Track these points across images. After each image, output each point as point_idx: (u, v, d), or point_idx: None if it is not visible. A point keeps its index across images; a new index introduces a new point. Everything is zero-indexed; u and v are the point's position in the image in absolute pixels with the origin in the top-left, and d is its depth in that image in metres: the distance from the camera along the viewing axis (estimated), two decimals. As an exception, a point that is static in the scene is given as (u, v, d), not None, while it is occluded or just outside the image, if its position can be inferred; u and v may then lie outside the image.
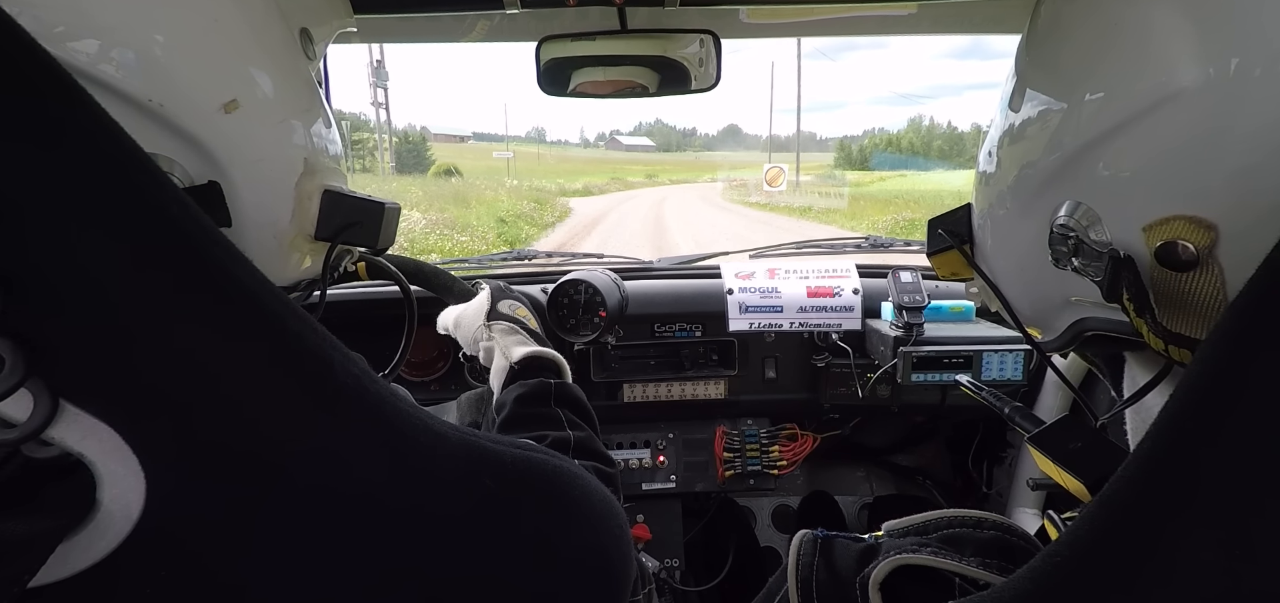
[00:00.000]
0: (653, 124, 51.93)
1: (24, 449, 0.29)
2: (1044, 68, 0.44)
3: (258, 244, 0.47)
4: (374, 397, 0.34)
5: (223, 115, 0.42)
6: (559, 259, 1.55)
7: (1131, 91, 0.34)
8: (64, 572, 0.30)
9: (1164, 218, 0.33)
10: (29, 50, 0.25)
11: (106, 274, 0.26)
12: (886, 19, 1.17)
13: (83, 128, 0.26)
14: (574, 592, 0.40)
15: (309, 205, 0.51)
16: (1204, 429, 0.25)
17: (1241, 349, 0.25)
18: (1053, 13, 0.44)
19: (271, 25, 0.49)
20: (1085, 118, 0.38)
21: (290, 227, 0.49)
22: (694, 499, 1.47)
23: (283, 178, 0.48)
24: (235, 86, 0.44)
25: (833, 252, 1.65)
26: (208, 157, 0.42)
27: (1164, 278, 0.34)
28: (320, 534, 0.33)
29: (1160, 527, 0.25)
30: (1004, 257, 0.49)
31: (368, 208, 0.53)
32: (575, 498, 0.41)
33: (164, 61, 0.41)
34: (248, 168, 0.45)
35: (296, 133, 0.49)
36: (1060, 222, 0.40)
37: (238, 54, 0.45)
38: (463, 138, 67.32)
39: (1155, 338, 0.33)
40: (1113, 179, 0.36)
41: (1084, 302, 0.41)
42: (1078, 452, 0.41)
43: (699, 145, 51.21)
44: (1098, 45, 0.38)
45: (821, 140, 53.98)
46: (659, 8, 0.94)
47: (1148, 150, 0.34)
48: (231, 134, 0.43)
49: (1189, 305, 0.33)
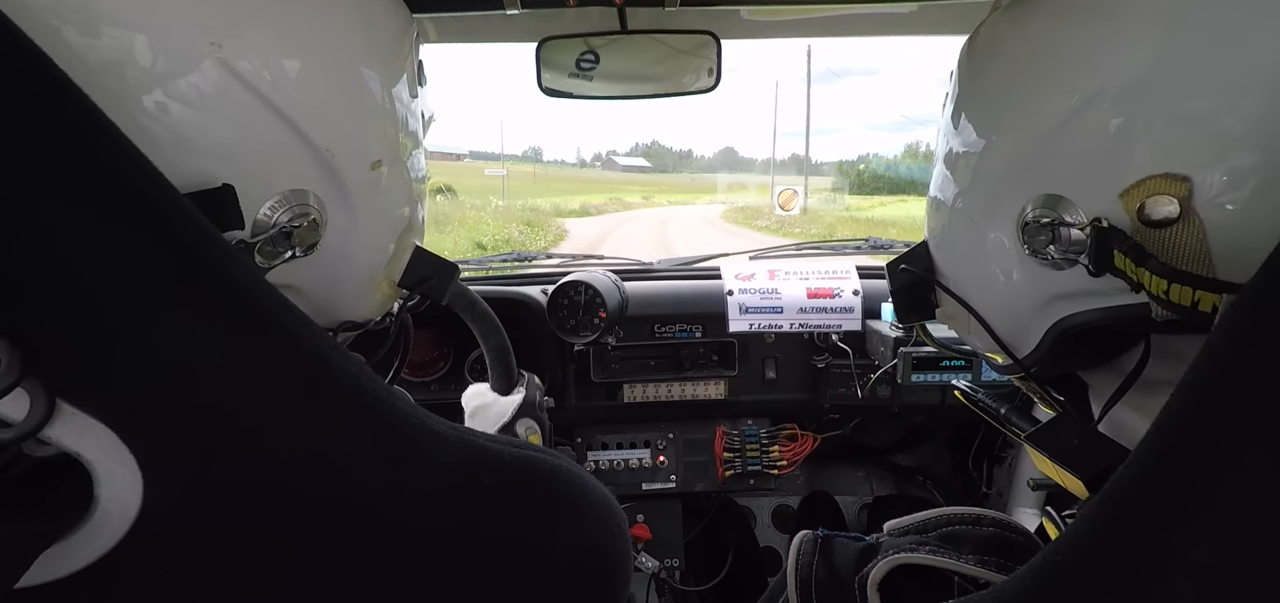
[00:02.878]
0: (649, 145, 51.52)
1: (22, 448, 0.29)
2: (986, 83, 0.47)
3: (354, 283, 0.52)
4: (372, 396, 0.34)
5: (370, 172, 0.47)
6: (559, 260, 1.56)
7: (1071, 87, 0.38)
8: (62, 570, 0.30)
9: (1138, 180, 0.35)
10: (27, 53, 0.25)
11: (103, 274, 0.26)
12: (887, 19, 1.16)
13: (81, 129, 0.26)
14: (573, 589, 0.40)
15: (402, 257, 0.57)
16: (1204, 428, 0.25)
17: (1241, 347, 0.25)
18: (988, 38, 0.48)
19: (413, 93, 0.54)
20: (1036, 115, 0.40)
21: (383, 271, 0.55)
22: (694, 499, 1.47)
23: (392, 229, 0.54)
24: (385, 149, 0.48)
25: (833, 253, 1.65)
26: (348, 205, 0.46)
27: (1148, 237, 0.35)
28: (318, 533, 0.33)
29: (1160, 525, 0.25)
30: (972, 274, 0.50)
31: (442, 266, 0.62)
32: (573, 496, 0.41)
33: (346, 116, 0.45)
34: (371, 218, 0.49)
35: (411, 196, 0.55)
36: (1031, 215, 0.41)
37: (393, 120, 0.50)
38: (458, 156, 66.44)
39: (1158, 281, 0.34)
40: (1077, 160, 0.38)
41: (1064, 296, 0.41)
42: (1075, 449, 0.41)
43: (696, 167, 50.33)
44: (1033, 53, 0.42)
45: (818, 164, 53.62)
46: (659, 8, 0.94)
47: (1109, 125, 0.36)
48: (370, 187, 0.48)
49: (1176, 260, 0.34)
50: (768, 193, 19.93)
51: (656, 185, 40.42)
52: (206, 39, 0.36)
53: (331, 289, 0.49)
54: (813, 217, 21.03)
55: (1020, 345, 0.46)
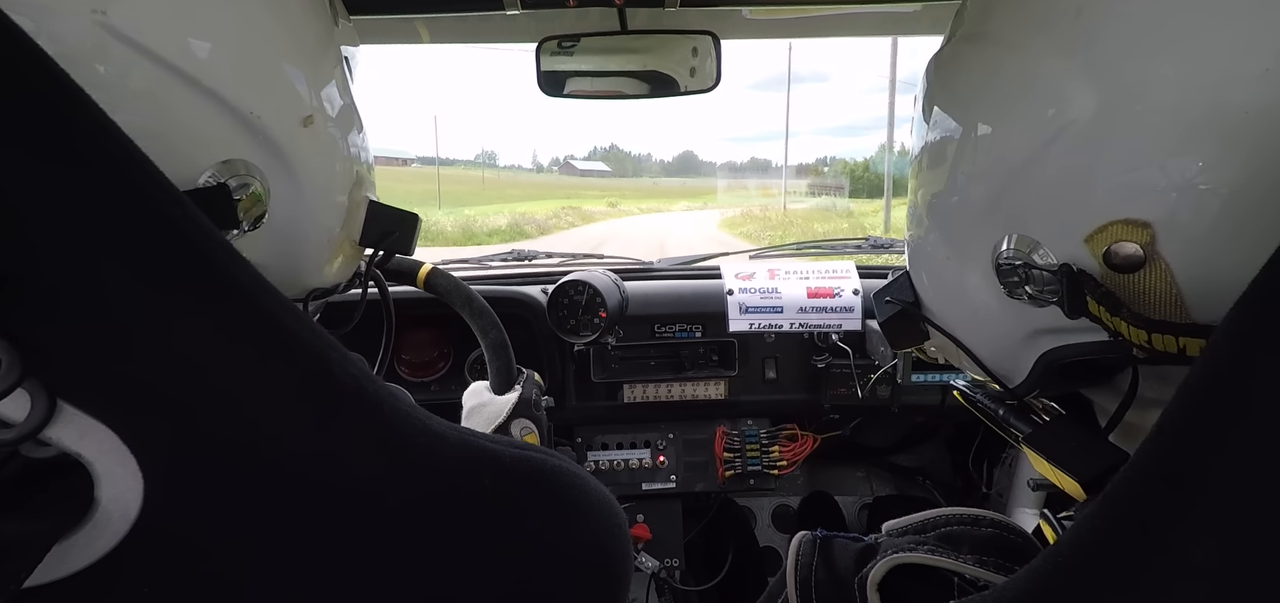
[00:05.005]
0: (608, 149, 49.64)
1: (22, 449, 0.29)
2: (949, 115, 0.45)
3: (313, 247, 0.50)
4: (372, 397, 0.34)
5: (302, 129, 0.45)
6: (559, 259, 1.56)
7: (1035, 124, 0.37)
8: (63, 571, 0.30)
9: (1101, 225, 0.34)
10: (28, 51, 0.25)
11: (103, 274, 0.26)
12: (888, 18, 1.16)
13: (81, 129, 0.26)
14: (573, 590, 0.40)
15: (357, 214, 0.55)
16: (1205, 431, 0.25)
17: (1244, 350, 0.25)
18: (948, 66, 0.46)
19: (333, 43, 0.52)
20: (999, 153, 0.40)
21: (340, 233, 0.53)
22: (694, 499, 1.47)
23: (340, 188, 0.52)
24: (312, 102, 0.47)
25: (833, 252, 1.65)
26: (287, 167, 0.45)
27: (1116, 283, 0.34)
28: (318, 534, 0.33)
29: (1162, 529, 0.25)
30: (954, 308, 0.49)
31: (404, 218, 0.59)
32: (574, 497, 0.41)
33: (265, 76, 0.43)
34: (315, 178, 0.48)
35: (352, 146, 0.53)
36: (1004, 255, 0.40)
37: (316, 71, 0.48)
38: (406, 161, 64.18)
39: (1137, 331, 0.33)
40: (1042, 202, 0.37)
41: (1046, 331, 0.41)
42: (1073, 451, 0.41)
43: (656, 170, 48.65)
44: (993, 88, 0.41)
45: (776, 168, 52.28)
46: (659, 8, 0.94)
47: (1067, 171, 0.35)
48: (307, 147, 0.46)
49: (1147, 304, 0.34)
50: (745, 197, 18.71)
51: (618, 191, 35.25)
52: (88, 7, 0.34)
53: (292, 259, 0.49)
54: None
55: (1011, 374, 0.46)
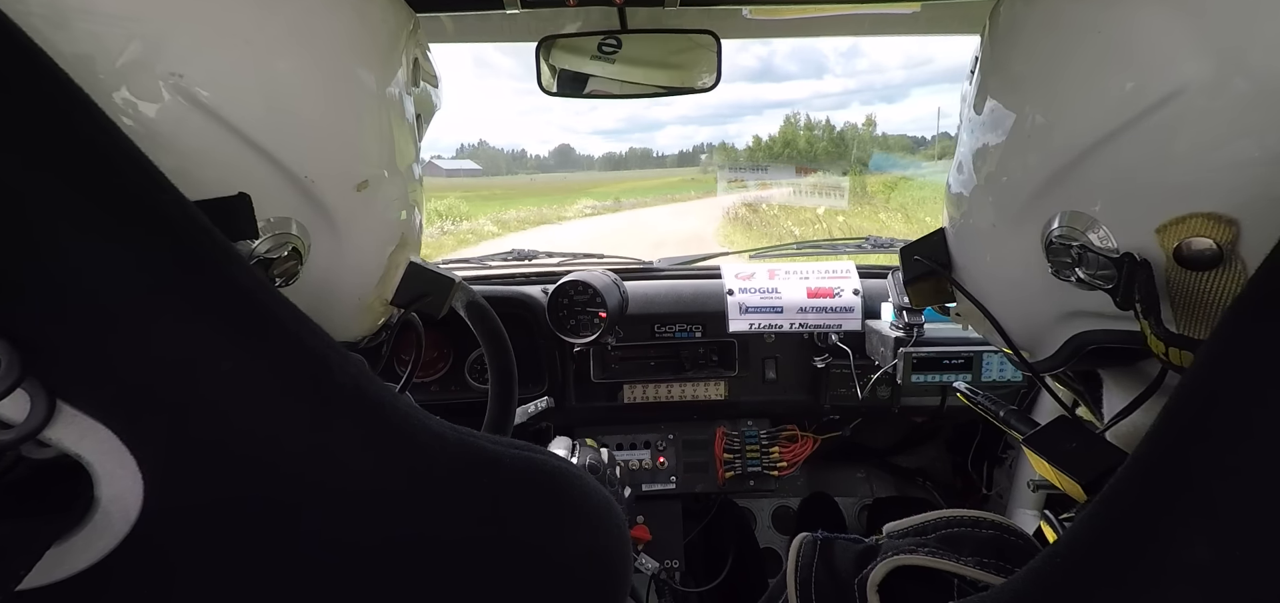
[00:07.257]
0: (476, 146, 46.73)
1: (23, 450, 0.29)
2: (1017, 76, 0.42)
3: (341, 301, 0.49)
4: (372, 398, 0.34)
5: (354, 193, 0.45)
6: (559, 259, 1.55)
7: (1128, 94, 0.33)
8: (63, 572, 0.30)
9: (1180, 216, 0.32)
10: (29, 55, 0.25)
11: (103, 276, 0.26)
12: (888, 18, 1.16)
13: (82, 132, 0.26)
14: (574, 591, 0.40)
15: (394, 275, 0.54)
16: (1202, 430, 0.25)
17: (1241, 351, 0.25)
18: (1016, 17, 0.41)
19: (405, 105, 0.51)
20: (1075, 125, 0.36)
21: (373, 291, 0.52)
22: (694, 500, 1.47)
23: (382, 249, 0.51)
24: (370, 169, 0.46)
25: (833, 252, 1.65)
26: (331, 225, 0.44)
27: (1182, 279, 0.32)
28: (319, 534, 0.33)
29: (1158, 527, 0.25)
30: (990, 277, 0.47)
31: (439, 281, 0.58)
32: (574, 499, 0.41)
33: (324, 139, 0.42)
34: (358, 237, 0.47)
35: (404, 211, 0.52)
36: (1058, 233, 0.38)
37: (381, 135, 0.47)
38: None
39: (1156, 341, 0.32)
40: (1115, 183, 0.35)
41: (1084, 314, 0.40)
42: (1073, 452, 0.41)
43: (532, 167, 45.54)
44: (1080, 49, 0.36)
45: (659, 157, 49.53)
46: (659, 8, 0.94)
47: (1155, 151, 0.32)
48: (356, 209, 0.45)
49: (1210, 304, 0.32)
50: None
51: (490, 190, 27.78)
52: (165, 68, 0.33)
53: (318, 314, 0.47)
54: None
55: (1036, 349, 0.45)
